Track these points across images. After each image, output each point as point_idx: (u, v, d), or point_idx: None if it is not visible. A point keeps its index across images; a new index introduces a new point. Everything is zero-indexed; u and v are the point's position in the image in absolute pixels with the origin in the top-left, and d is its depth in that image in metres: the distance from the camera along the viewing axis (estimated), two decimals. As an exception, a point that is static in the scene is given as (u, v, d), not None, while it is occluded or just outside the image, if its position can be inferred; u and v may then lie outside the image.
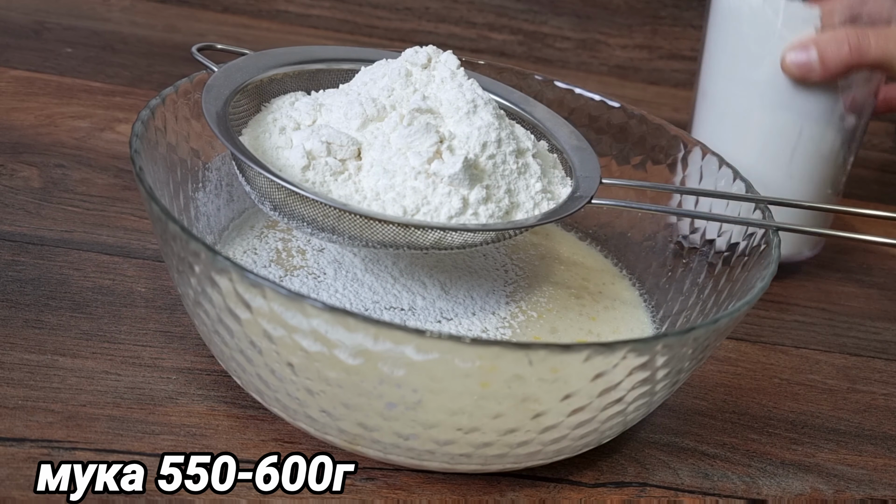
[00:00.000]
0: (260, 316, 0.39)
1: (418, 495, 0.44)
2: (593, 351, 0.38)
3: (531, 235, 0.59)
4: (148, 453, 0.43)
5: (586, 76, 0.98)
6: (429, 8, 0.96)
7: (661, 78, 1.00)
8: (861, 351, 0.60)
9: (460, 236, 0.45)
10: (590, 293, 0.55)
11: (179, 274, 0.42)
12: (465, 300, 0.50)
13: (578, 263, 0.58)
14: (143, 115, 0.47)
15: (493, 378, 0.38)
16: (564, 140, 0.53)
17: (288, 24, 0.94)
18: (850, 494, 0.49)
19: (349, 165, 0.45)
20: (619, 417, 0.43)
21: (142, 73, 0.77)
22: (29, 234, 0.54)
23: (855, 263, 0.70)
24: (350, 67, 0.53)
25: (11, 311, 0.49)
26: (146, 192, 0.42)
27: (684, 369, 0.43)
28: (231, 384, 0.47)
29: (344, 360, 0.38)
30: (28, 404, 0.44)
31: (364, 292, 0.49)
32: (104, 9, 0.87)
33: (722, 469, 0.49)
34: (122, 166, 0.63)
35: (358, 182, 0.45)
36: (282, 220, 0.46)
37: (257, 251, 0.52)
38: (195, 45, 0.50)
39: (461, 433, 0.40)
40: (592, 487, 0.46)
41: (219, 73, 0.48)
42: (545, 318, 0.51)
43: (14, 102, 0.68)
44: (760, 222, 0.50)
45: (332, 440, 0.43)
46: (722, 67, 0.60)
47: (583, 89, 0.61)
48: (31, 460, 0.41)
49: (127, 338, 0.49)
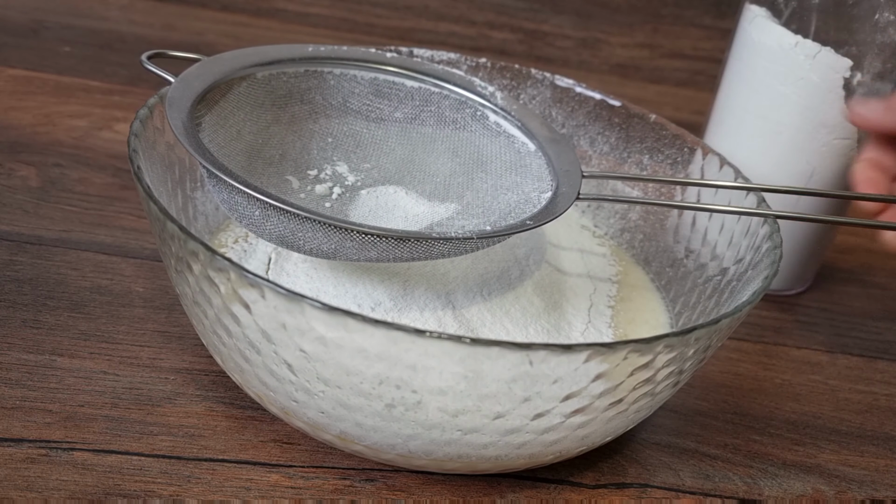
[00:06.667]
0: (258, 316, 0.38)
1: (418, 496, 0.43)
2: (594, 351, 0.38)
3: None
4: (146, 454, 0.43)
5: (587, 75, 0.98)
6: (428, 6, 0.96)
7: (662, 77, 1.00)
8: (863, 351, 0.60)
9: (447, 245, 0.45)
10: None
11: (178, 273, 0.42)
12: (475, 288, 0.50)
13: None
14: (142, 114, 0.47)
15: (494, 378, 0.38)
16: (536, 131, 0.53)
17: (287, 23, 0.93)
18: (851, 495, 0.49)
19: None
20: (620, 418, 0.42)
21: (140, 73, 0.76)
22: (27, 233, 0.54)
23: (857, 263, 0.70)
24: (308, 69, 0.52)
25: (9, 310, 0.48)
26: (144, 191, 0.42)
27: (685, 369, 0.43)
28: (229, 384, 0.47)
29: (343, 361, 0.38)
30: (26, 404, 0.44)
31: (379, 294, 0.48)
32: (102, 8, 0.86)
33: (723, 470, 0.49)
34: (121, 165, 0.63)
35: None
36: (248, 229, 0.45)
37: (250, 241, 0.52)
38: (144, 53, 0.48)
39: (461, 434, 0.40)
40: (593, 489, 0.46)
41: (176, 83, 0.47)
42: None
43: (12, 101, 0.67)
44: (758, 211, 0.49)
45: (331, 441, 0.43)
46: (741, 99, 0.60)
47: (583, 88, 0.61)
48: (28, 461, 0.41)
49: (125, 338, 0.48)
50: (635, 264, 0.58)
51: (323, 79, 0.52)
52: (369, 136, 0.53)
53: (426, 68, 0.54)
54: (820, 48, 0.56)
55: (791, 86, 0.58)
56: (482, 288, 0.48)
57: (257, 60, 0.50)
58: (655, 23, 0.99)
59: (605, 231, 0.60)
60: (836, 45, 0.56)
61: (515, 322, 0.47)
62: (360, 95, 0.53)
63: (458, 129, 0.53)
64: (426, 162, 0.53)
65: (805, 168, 0.59)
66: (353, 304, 0.45)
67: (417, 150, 0.53)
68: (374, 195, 0.50)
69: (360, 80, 0.53)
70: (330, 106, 0.52)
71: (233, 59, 0.50)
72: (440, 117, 0.53)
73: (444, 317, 0.46)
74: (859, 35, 0.57)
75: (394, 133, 0.53)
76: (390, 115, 0.53)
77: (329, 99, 0.53)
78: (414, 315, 0.46)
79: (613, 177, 0.57)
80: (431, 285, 0.47)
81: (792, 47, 0.57)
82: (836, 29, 0.58)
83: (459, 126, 0.53)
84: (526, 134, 0.52)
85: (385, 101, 0.53)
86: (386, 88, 0.53)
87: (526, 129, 0.52)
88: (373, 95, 0.53)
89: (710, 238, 0.55)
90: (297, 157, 0.51)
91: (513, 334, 0.47)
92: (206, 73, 0.48)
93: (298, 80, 0.52)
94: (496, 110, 0.53)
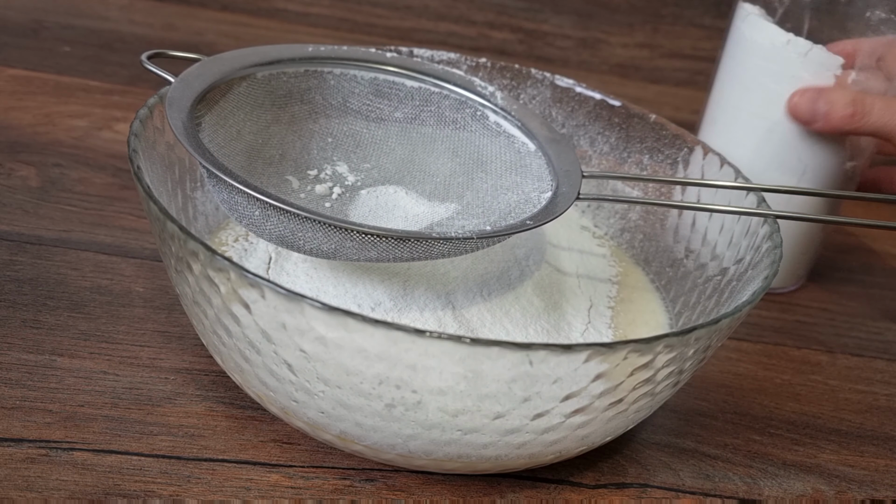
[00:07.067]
0: (258, 316, 0.38)
1: (418, 496, 0.43)
2: (594, 351, 0.38)
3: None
4: (146, 454, 0.43)
5: (587, 75, 0.98)
6: (428, 6, 0.96)
7: (662, 77, 1.00)
8: (863, 351, 0.60)
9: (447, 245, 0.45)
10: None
11: (178, 273, 0.42)
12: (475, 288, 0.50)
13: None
14: (142, 114, 0.47)
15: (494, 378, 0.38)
16: (536, 131, 0.53)
17: (287, 23, 0.93)
18: (851, 495, 0.49)
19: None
20: (620, 418, 0.42)
21: (140, 72, 0.76)
22: (27, 233, 0.54)
23: (857, 263, 0.70)
24: (308, 69, 0.52)
25: (9, 310, 0.48)
26: (144, 191, 0.42)
27: (685, 369, 0.43)
28: (229, 384, 0.47)
29: (343, 361, 0.38)
30: (26, 404, 0.44)
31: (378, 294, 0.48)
32: (102, 8, 0.86)
33: (723, 470, 0.49)
34: (121, 165, 0.63)
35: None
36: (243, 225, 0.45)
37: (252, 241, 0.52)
38: (144, 53, 0.48)
39: (461, 434, 0.40)
40: (593, 489, 0.46)
41: (176, 83, 0.47)
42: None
43: (12, 101, 0.67)
44: (758, 211, 0.49)
45: (331, 441, 0.43)
46: (734, 97, 0.60)
47: (583, 88, 0.61)
48: (28, 461, 0.41)
49: (125, 338, 0.48)
50: (635, 265, 0.58)
51: (323, 79, 0.52)
52: (369, 136, 0.53)
53: (426, 68, 0.54)
54: (812, 46, 0.56)
55: (784, 84, 0.58)
56: (482, 288, 0.48)
57: (257, 60, 0.50)
58: (655, 23, 0.99)
59: (605, 231, 0.60)
60: (829, 43, 0.57)
61: (515, 322, 0.47)
62: (360, 95, 0.53)
63: (458, 129, 0.53)
64: (426, 162, 0.53)
65: (797, 165, 0.59)
66: (353, 304, 0.45)
67: (417, 150, 0.53)
68: (374, 195, 0.50)
69: (360, 80, 0.53)
70: (330, 106, 0.52)
71: (233, 59, 0.50)
72: (440, 117, 0.53)
73: (444, 317, 0.46)
74: (852, 33, 0.57)
75: (394, 133, 0.53)
76: (390, 115, 0.53)
77: (329, 99, 0.53)
78: (414, 315, 0.46)
79: (613, 177, 0.57)
80: (431, 285, 0.47)
81: (784, 45, 0.57)
82: (830, 27, 0.58)
83: (459, 126, 0.53)
84: (526, 134, 0.52)
85: (385, 101, 0.53)
86: (386, 88, 0.53)
87: (526, 129, 0.52)
88: (373, 95, 0.53)
89: (710, 238, 0.55)
90: (297, 157, 0.51)
91: (513, 334, 0.47)
92: (206, 73, 0.48)
93: (298, 80, 0.52)
94: (496, 110, 0.53)
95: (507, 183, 0.50)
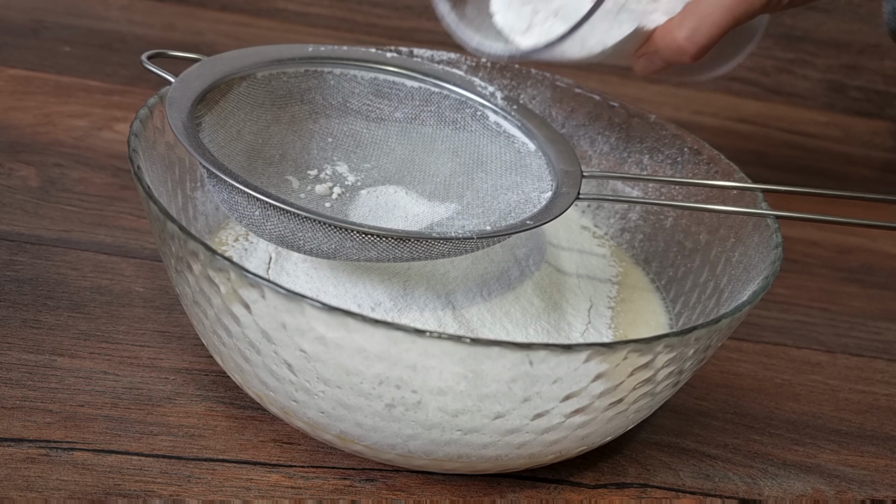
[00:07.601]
0: (258, 316, 0.38)
1: (418, 496, 0.43)
2: (594, 351, 0.38)
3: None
4: (146, 454, 0.43)
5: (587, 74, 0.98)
6: (428, 6, 0.96)
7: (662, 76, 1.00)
8: (863, 351, 0.60)
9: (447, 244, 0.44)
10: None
11: (178, 273, 0.42)
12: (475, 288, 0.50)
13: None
14: (142, 114, 0.47)
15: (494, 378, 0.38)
16: (536, 131, 0.52)
17: (287, 23, 0.93)
18: (851, 495, 0.49)
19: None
20: (620, 418, 0.42)
21: (140, 72, 0.76)
22: (27, 233, 0.54)
23: (857, 263, 0.70)
24: (308, 69, 0.52)
25: (9, 310, 0.48)
26: (144, 191, 0.42)
27: (685, 369, 0.43)
28: (229, 384, 0.47)
29: (343, 361, 0.38)
30: (26, 404, 0.44)
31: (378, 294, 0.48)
32: (102, 8, 0.86)
33: (723, 470, 0.49)
34: (121, 165, 0.62)
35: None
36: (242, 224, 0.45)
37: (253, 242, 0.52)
38: (144, 53, 0.48)
39: (461, 434, 0.40)
40: (593, 489, 0.46)
41: (176, 83, 0.47)
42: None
43: (12, 101, 0.67)
44: (759, 211, 0.49)
45: (331, 441, 0.43)
46: None
47: (583, 88, 0.61)
48: (28, 461, 0.41)
49: (125, 338, 0.48)
50: (635, 265, 0.58)
51: (323, 79, 0.52)
52: (369, 136, 0.53)
53: (426, 68, 0.54)
54: None
55: None
56: (482, 288, 0.48)
57: (257, 60, 0.50)
58: (655, 23, 0.99)
59: (605, 231, 0.60)
60: None
61: (515, 322, 0.47)
62: (360, 95, 0.53)
63: (458, 129, 0.53)
64: (426, 162, 0.53)
65: None
66: (353, 304, 0.45)
67: (417, 150, 0.53)
68: (374, 195, 0.50)
69: (360, 80, 0.53)
70: (330, 106, 0.52)
71: (233, 59, 0.50)
72: (440, 117, 0.53)
73: (444, 317, 0.46)
74: None
75: (394, 133, 0.53)
76: (390, 115, 0.53)
77: (329, 99, 0.53)
78: (414, 315, 0.46)
79: (613, 177, 0.57)
80: (431, 285, 0.47)
81: None
82: None
83: (459, 126, 0.53)
84: (526, 134, 0.52)
85: (385, 101, 0.53)
86: (386, 88, 0.53)
87: (526, 129, 0.52)
88: (373, 95, 0.53)
89: (709, 238, 0.55)
90: (297, 157, 0.51)
91: (513, 335, 0.47)
92: (206, 73, 0.48)
93: (298, 80, 0.52)
94: (496, 110, 0.53)
95: (507, 183, 0.50)
